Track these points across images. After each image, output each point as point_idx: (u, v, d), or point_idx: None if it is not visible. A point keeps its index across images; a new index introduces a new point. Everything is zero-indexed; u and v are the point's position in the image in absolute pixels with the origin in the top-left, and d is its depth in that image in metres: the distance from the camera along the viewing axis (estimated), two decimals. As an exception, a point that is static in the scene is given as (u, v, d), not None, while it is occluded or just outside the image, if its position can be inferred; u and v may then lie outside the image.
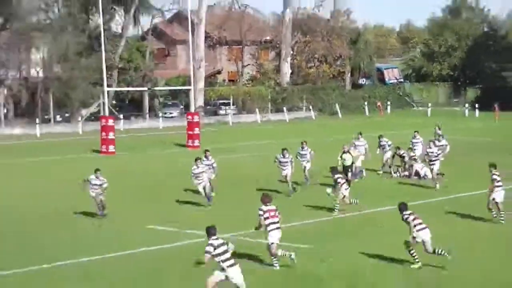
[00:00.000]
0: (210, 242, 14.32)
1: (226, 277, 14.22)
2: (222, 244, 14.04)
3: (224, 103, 73.63)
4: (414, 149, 33.04)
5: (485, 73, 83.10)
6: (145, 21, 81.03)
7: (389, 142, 33.24)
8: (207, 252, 14.21)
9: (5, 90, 67.19)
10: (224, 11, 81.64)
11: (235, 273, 14.15)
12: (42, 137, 55.59)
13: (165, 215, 24.30)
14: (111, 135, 45.20)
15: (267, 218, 17.77)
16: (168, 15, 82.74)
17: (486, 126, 59.96)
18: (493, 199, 22.00)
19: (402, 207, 17.69)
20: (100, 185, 23.89)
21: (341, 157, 29.17)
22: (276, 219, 17.67)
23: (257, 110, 70.53)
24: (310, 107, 73.90)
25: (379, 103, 76.60)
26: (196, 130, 48.07)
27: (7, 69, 66.64)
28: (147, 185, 30.34)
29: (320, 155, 31.34)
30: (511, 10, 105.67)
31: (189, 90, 56.92)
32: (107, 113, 49.53)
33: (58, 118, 65.56)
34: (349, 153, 29.05)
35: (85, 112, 66.00)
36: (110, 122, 46.14)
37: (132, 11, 71.90)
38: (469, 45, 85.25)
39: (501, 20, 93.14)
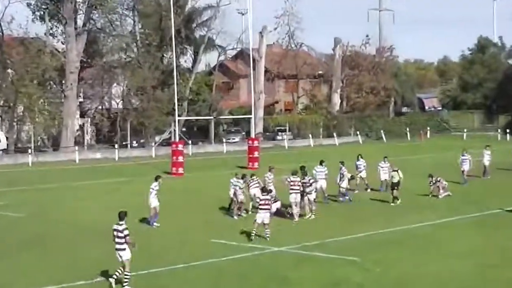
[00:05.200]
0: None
1: None
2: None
3: (281, 129, 75.56)
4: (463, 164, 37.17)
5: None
6: (213, 58, 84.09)
7: (364, 164, 34.74)
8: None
9: (88, 120, 71.60)
10: (281, 49, 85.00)
11: None
12: (120, 161, 57.16)
13: (227, 229, 25.37)
14: (180, 159, 46.57)
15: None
16: (233, 53, 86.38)
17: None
18: None
19: None
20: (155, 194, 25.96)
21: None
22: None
23: (310, 135, 73.74)
24: (358, 133, 77.86)
25: (421, 132, 79.83)
26: (256, 154, 49.42)
27: (91, 101, 72.00)
28: (210, 203, 30.65)
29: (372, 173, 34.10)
30: None
31: (250, 118, 57.65)
32: (177, 139, 51.97)
33: (135, 143, 67.11)
34: (397, 172, 30.80)
35: (158, 138, 67.86)
36: (180, 147, 47.86)
37: (201, 50, 75.44)
38: (500, 77, 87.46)
39: None
